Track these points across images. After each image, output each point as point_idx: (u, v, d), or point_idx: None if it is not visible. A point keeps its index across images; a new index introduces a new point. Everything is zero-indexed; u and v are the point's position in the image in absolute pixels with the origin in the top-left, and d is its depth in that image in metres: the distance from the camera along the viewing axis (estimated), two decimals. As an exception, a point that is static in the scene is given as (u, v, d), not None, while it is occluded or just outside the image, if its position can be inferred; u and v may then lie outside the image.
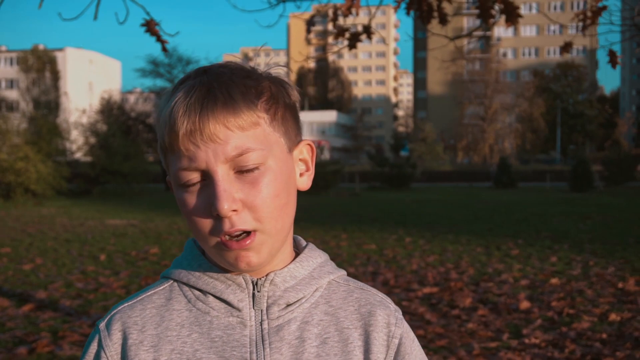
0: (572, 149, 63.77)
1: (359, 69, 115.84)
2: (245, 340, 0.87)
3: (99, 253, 9.45)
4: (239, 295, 0.89)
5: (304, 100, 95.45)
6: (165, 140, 0.84)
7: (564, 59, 65.47)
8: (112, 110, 34.31)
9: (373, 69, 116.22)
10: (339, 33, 3.65)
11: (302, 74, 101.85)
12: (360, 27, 4.20)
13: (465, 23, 72.16)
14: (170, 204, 20.83)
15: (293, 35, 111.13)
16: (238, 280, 0.89)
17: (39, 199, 22.29)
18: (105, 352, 0.89)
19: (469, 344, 4.60)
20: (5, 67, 71.86)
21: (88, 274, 7.70)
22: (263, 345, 0.87)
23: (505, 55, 79.04)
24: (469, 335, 4.86)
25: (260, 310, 0.89)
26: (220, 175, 0.81)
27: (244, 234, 0.83)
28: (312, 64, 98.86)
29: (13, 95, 62.76)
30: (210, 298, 0.90)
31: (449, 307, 5.81)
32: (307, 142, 0.92)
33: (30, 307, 5.84)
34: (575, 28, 4.55)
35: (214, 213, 0.81)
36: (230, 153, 0.81)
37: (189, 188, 0.84)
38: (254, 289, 0.89)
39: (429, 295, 6.35)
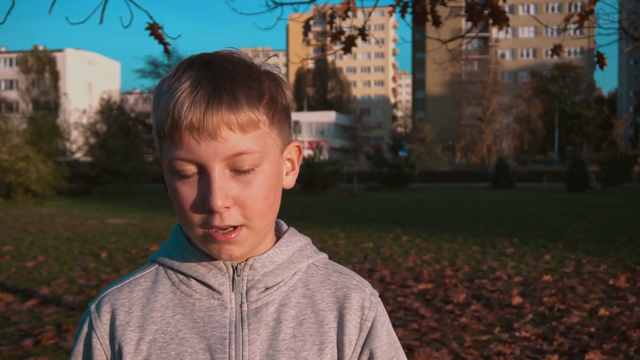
0: (569, 150, 63.97)
1: (358, 70, 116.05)
2: (225, 322, 0.92)
3: (100, 251, 9.58)
4: (220, 279, 0.93)
5: (304, 101, 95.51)
6: (165, 129, 0.85)
7: (562, 60, 65.73)
8: (111, 111, 34.42)
9: (372, 70, 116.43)
10: (335, 36, 3.80)
11: (301, 75, 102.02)
12: (358, 28, 4.34)
13: (463, 24, 72.36)
14: (170, 204, 20.92)
15: (292, 36, 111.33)
16: (219, 265, 0.93)
17: (39, 199, 22.41)
18: (96, 332, 0.94)
19: (461, 337, 4.74)
20: (5, 67, 71.97)
21: (90, 271, 7.84)
22: (242, 326, 0.92)
23: (504, 57, 79.27)
24: (462, 329, 5.01)
25: (240, 294, 0.93)
26: (217, 173, 0.84)
27: (230, 228, 0.87)
28: (311, 65, 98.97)
29: (12, 96, 62.85)
30: (193, 282, 0.94)
31: (443, 302, 5.95)
32: (296, 143, 0.96)
33: (34, 302, 5.98)
34: (564, 31, 4.70)
35: (206, 207, 0.85)
36: (229, 152, 0.84)
37: (183, 178, 0.87)
38: (234, 273, 0.93)
39: (424, 292, 6.50)
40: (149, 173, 30.49)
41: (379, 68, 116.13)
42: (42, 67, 59.81)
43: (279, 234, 1.00)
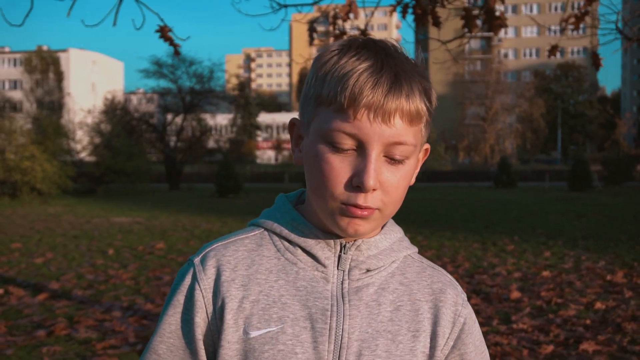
0: (572, 150, 64.01)
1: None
2: (327, 294, 0.94)
3: (107, 248, 9.75)
4: (327, 253, 0.95)
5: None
6: (337, 99, 0.87)
7: (565, 60, 65.76)
8: (115, 111, 34.63)
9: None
10: (337, 38, 3.94)
11: (304, 74, 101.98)
12: (361, 27, 4.49)
13: (467, 24, 72.30)
14: (174, 203, 21.15)
15: (295, 36, 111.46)
16: (328, 240, 0.95)
17: (45, 198, 22.62)
18: (200, 284, 0.94)
19: (460, 329, 4.89)
20: (9, 68, 72.28)
21: (97, 267, 8.00)
22: (343, 301, 0.94)
23: (506, 56, 79.30)
24: (461, 322, 5.15)
25: (343, 271, 0.95)
26: (375, 154, 0.87)
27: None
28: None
29: (17, 96, 63.15)
30: (299, 251, 0.96)
31: (443, 296, 6.10)
32: (427, 146, 1.00)
33: (45, 296, 6.15)
34: (563, 31, 4.84)
35: (355, 184, 0.87)
36: (393, 139, 0.87)
37: (338, 151, 0.88)
38: (341, 251, 0.95)
39: (425, 287, 6.64)
40: (153, 172, 30.69)
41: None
42: (46, 67, 60.09)
43: None
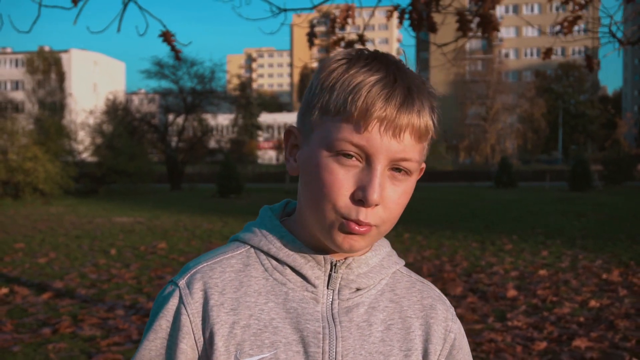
0: (573, 149, 64.06)
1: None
2: (318, 316, 0.90)
3: (109, 248, 9.86)
4: (317, 273, 0.92)
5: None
6: (347, 109, 0.84)
7: (566, 60, 65.81)
8: (117, 111, 34.77)
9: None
10: (336, 43, 4.04)
11: (305, 75, 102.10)
12: (361, 29, 4.60)
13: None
14: (175, 203, 21.27)
15: (296, 37, 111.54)
16: (318, 259, 0.92)
17: (47, 198, 22.74)
18: (187, 309, 0.89)
19: (456, 326, 4.99)
20: (11, 68, 72.47)
21: (100, 267, 8.12)
22: (334, 323, 0.91)
23: (508, 56, 79.36)
24: (457, 319, 5.26)
25: (332, 291, 0.92)
26: (381, 168, 0.84)
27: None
28: (315, 65, 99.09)
29: (19, 97, 63.33)
30: (288, 270, 0.92)
31: (441, 295, 6.20)
32: (424, 166, 0.96)
33: (49, 295, 6.26)
34: (555, 34, 4.94)
35: (358, 197, 0.84)
36: (399, 155, 0.85)
37: (343, 160, 0.85)
38: (331, 270, 0.92)
39: (423, 285, 6.74)
40: (154, 173, 30.81)
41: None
42: (48, 67, 60.23)
43: None
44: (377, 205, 0.85)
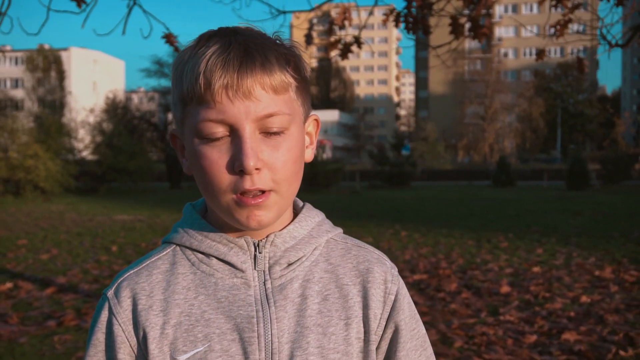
0: (572, 149, 64.22)
1: (361, 69, 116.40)
2: (251, 300, 0.90)
3: (110, 245, 10.00)
4: (242, 257, 0.91)
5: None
6: (195, 90, 0.84)
7: (565, 59, 65.97)
8: (117, 110, 34.92)
9: (375, 69, 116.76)
10: (333, 44, 4.19)
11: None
12: (359, 29, 4.75)
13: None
14: (176, 201, 21.40)
15: (295, 38, 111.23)
16: (240, 243, 0.92)
17: (48, 196, 22.89)
18: (117, 318, 0.90)
19: (450, 321, 5.14)
20: (11, 66, 72.56)
21: (102, 263, 8.25)
22: (268, 304, 0.90)
23: (506, 55, 79.52)
24: (451, 314, 5.40)
25: (262, 271, 0.92)
26: (249, 133, 0.84)
27: (259, 192, 0.86)
28: (314, 64, 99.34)
29: (19, 95, 63.43)
30: (214, 260, 0.92)
31: (436, 291, 6.35)
32: (315, 116, 0.96)
33: (53, 290, 6.40)
34: (550, 35, 5.07)
35: (237, 169, 0.84)
36: (261, 113, 0.84)
37: (212, 142, 0.85)
38: (256, 251, 0.92)
39: (419, 281, 6.89)
40: (154, 171, 30.95)
41: (382, 67, 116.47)
42: (48, 65, 60.32)
43: (296, 211, 0.99)
44: (259, 170, 0.85)
